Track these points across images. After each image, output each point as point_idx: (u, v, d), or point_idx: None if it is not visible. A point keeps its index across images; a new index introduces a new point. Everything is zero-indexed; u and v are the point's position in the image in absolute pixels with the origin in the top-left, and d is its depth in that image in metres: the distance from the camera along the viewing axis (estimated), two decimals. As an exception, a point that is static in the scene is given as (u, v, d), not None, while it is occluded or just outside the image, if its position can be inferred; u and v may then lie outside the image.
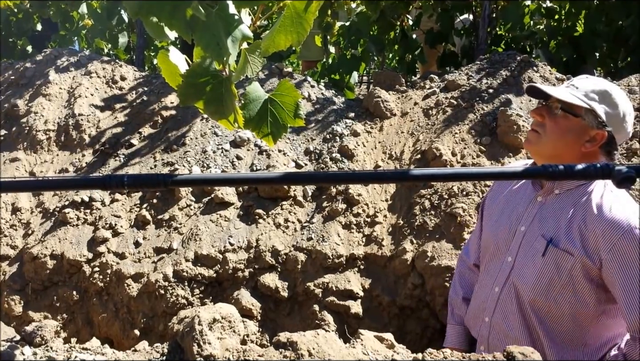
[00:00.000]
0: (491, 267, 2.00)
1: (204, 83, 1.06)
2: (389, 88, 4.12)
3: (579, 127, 1.80)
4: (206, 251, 3.11)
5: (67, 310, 3.18)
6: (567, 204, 1.83)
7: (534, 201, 1.92)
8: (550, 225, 1.83)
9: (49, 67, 4.32)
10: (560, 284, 1.77)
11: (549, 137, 1.84)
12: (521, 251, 1.89)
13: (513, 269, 1.89)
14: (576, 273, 1.75)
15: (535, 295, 1.82)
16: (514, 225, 1.94)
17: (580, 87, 1.82)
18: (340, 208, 3.26)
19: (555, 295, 1.79)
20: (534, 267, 1.83)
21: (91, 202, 3.38)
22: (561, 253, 1.77)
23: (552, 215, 1.85)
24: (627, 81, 3.60)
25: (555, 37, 4.99)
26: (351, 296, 3.04)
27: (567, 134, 1.81)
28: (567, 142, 1.82)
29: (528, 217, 1.91)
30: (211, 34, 1.03)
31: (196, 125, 3.78)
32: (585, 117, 1.79)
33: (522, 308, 1.86)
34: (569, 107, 1.81)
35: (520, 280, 1.86)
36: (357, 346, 1.28)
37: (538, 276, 1.81)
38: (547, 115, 1.84)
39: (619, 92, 1.82)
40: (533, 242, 1.85)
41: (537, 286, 1.81)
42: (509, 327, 1.89)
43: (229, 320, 1.29)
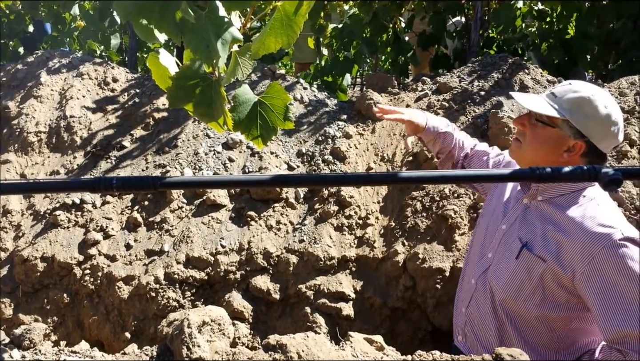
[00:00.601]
0: (473, 259, 2.04)
1: (194, 85, 1.06)
2: (381, 90, 4.13)
3: (557, 137, 1.79)
4: (198, 254, 3.11)
5: (57, 312, 3.16)
6: (549, 212, 1.83)
7: (520, 202, 1.93)
8: (528, 229, 1.85)
9: (40, 68, 4.30)
10: (531, 287, 1.78)
11: (528, 147, 1.85)
12: (499, 250, 1.92)
13: (491, 265, 1.92)
14: (547, 279, 1.76)
15: (506, 295, 1.84)
16: (498, 222, 1.97)
17: (559, 96, 1.81)
18: (332, 210, 3.26)
19: (524, 298, 1.80)
20: (507, 268, 1.85)
21: (82, 204, 3.36)
22: (534, 257, 1.78)
23: (533, 220, 1.86)
24: (618, 84, 3.62)
25: (546, 40, 5.01)
26: (343, 298, 3.04)
27: (544, 144, 1.81)
28: (545, 152, 1.81)
29: (511, 217, 1.93)
30: (201, 37, 1.03)
31: (188, 127, 3.77)
32: (562, 127, 1.78)
33: (494, 306, 1.89)
34: (545, 118, 1.81)
35: (494, 279, 1.89)
36: (347, 349, 1.28)
37: (510, 277, 1.83)
38: (528, 124, 1.85)
39: (602, 99, 1.78)
40: (510, 243, 1.88)
41: (508, 287, 1.83)
42: (482, 322, 1.92)
43: (219, 323, 1.29)
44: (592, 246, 1.67)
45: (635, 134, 3.20)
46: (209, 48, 1.03)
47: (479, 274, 1.96)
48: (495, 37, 5.26)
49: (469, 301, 1.98)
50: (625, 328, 1.60)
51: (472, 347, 1.96)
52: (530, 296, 1.79)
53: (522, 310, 1.81)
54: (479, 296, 1.94)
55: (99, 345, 3.13)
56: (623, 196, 2.92)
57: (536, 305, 1.79)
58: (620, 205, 2.91)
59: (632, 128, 3.23)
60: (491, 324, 1.89)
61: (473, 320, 1.95)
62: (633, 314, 1.60)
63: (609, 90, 3.55)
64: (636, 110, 3.31)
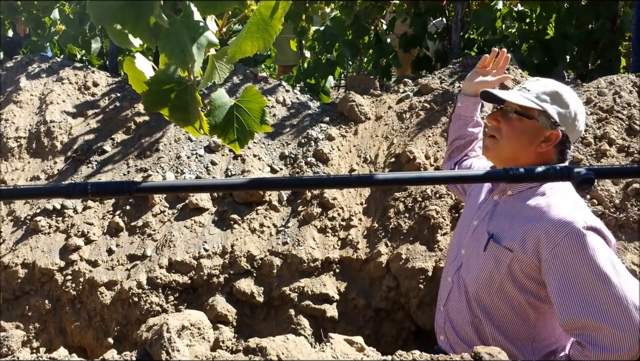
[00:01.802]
0: (449, 257, 2.10)
1: (169, 90, 1.06)
2: (363, 92, 4.14)
3: (534, 129, 1.86)
4: (180, 258, 3.10)
5: (39, 319, 3.13)
6: (517, 205, 1.89)
7: (490, 199, 1.99)
8: (497, 222, 1.90)
9: (19, 73, 4.26)
10: (500, 279, 1.82)
11: (505, 141, 1.89)
12: (470, 245, 1.96)
13: (464, 262, 1.97)
14: (515, 269, 1.80)
15: (478, 289, 1.88)
16: (470, 218, 2.02)
17: (532, 90, 1.88)
18: (315, 212, 3.26)
19: (495, 290, 1.84)
20: (477, 261, 1.90)
21: (63, 209, 3.34)
22: (501, 248, 1.83)
23: (502, 214, 1.91)
24: (597, 83, 3.67)
25: (526, 41, 5.07)
26: (327, 300, 3.04)
27: (522, 136, 1.87)
28: (522, 144, 1.88)
29: (482, 213, 1.98)
30: (175, 41, 1.03)
31: (170, 131, 3.76)
32: (539, 118, 1.85)
33: (469, 301, 1.92)
34: (522, 109, 1.87)
35: (466, 274, 1.94)
36: (327, 350, 1.29)
37: (480, 270, 1.88)
38: (502, 119, 1.90)
39: (570, 93, 1.88)
40: (479, 237, 1.93)
41: (478, 279, 1.88)
42: (460, 318, 1.95)
43: (198, 327, 1.29)
44: (556, 233, 1.70)
45: (614, 133, 3.24)
46: (184, 52, 1.03)
47: (454, 271, 2.01)
48: (475, 38, 5.30)
49: (446, 299, 2.02)
50: (581, 317, 1.62)
51: (454, 345, 1.98)
52: (501, 287, 1.83)
53: (496, 302, 1.85)
54: (455, 293, 1.98)
55: (81, 351, 3.11)
56: (602, 195, 2.96)
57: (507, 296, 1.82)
58: (599, 203, 2.95)
59: (611, 127, 3.27)
60: (468, 320, 1.92)
61: (452, 317, 1.98)
62: (591, 304, 1.61)
63: (588, 90, 3.60)
64: (614, 109, 3.36)
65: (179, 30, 1.03)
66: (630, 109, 3.33)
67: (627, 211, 2.89)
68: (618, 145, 3.20)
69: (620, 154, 3.16)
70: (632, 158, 3.13)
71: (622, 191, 2.96)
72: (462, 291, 1.95)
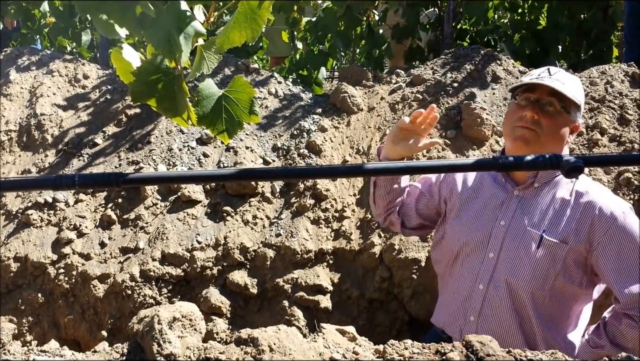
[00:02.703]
0: (468, 265, 1.96)
1: (156, 80, 1.05)
2: (355, 83, 4.13)
3: (567, 122, 1.88)
4: (173, 250, 3.09)
5: (32, 312, 3.12)
6: (549, 195, 1.87)
7: (511, 195, 1.93)
8: (537, 217, 1.86)
9: (9, 66, 4.23)
10: (555, 274, 1.81)
11: (548, 136, 1.85)
12: (507, 246, 1.88)
13: (498, 265, 1.88)
14: (569, 260, 1.81)
15: (534, 288, 1.83)
16: (490, 220, 1.93)
17: (566, 82, 1.85)
18: (308, 204, 3.26)
19: (550, 286, 1.82)
20: (529, 260, 1.83)
21: (55, 203, 3.32)
22: (555, 243, 1.81)
23: (536, 207, 1.88)
24: (589, 73, 3.67)
25: (518, 31, 5.06)
26: (320, 291, 3.05)
27: (562, 130, 1.87)
28: (561, 138, 1.88)
29: (507, 212, 1.91)
30: (162, 31, 1.02)
31: (161, 123, 3.74)
32: (571, 111, 1.86)
33: (515, 302, 1.86)
34: (565, 103, 1.85)
35: (514, 275, 1.85)
36: (319, 340, 1.29)
37: (534, 269, 1.83)
38: (541, 112, 1.84)
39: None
40: (521, 235, 1.86)
41: (534, 278, 1.83)
42: (500, 323, 1.88)
43: (190, 319, 1.29)
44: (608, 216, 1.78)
45: (606, 122, 3.25)
46: (170, 42, 1.02)
47: (487, 277, 1.90)
48: (468, 29, 5.30)
49: (480, 307, 1.91)
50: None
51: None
52: (555, 281, 1.82)
53: (548, 297, 1.84)
54: (495, 299, 1.88)
55: (75, 344, 3.11)
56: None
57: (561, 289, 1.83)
58: (591, 193, 2.96)
59: (603, 117, 3.28)
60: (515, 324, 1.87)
61: (491, 327, 1.89)
62: None
63: (580, 79, 3.60)
64: (606, 99, 3.36)
65: (165, 20, 1.02)
66: (622, 99, 3.34)
67: (619, 200, 2.91)
68: (610, 134, 3.21)
69: (612, 143, 3.17)
70: (624, 148, 3.14)
71: (614, 181, 2.97)
72: (504, 294, 1.87)
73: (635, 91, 3.40)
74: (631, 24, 4.34)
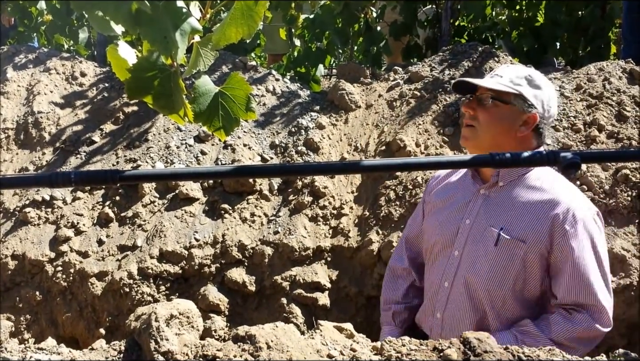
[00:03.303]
0: (437, 263, 2.00)
1: (152, 77, 1.05)
2: (353, 80, 4.13)
3: (511, 113, 1.86)
4: (171, 248, 3.09)
5: (30, 310, 3.12)
6: (513, 194, 1.87)
7: (477, 195, 1.95)
8: (499, 216, 1.87)
9: (6, 64, 4.22)
10: (515, 272, 1.82)
11: (484, 129, 1.88)
12: (469, 244, 1.91)
13: (461, 262, 1.91)
14: (528, 259, 1.80)
15: (491, 285, 1.84)
16: (457, 219, 1.96)
17: (505, 75, 1.88)
18: (306, 201, 3.26)
19: (509, 283, 1.83)
20: (487, 258, 1.85)
21: (52, 200, 3.32)
22: (513, 241, 1.81)
23: (499, 206, 1.89)
24: (587, 70, 3.67)
25: (516, 28, 5.05)
26: (318, 288, 3.05)
27: (501, 122, 1.87)
28: (502, 130, 1.87)
29: (472, 210, 1.93)
30: (158, 28, 1.02)
31: (159, 120, 3.74)
32: (515, 102, 1.85)
33: (473, 300, 1.88)
34: (498, 95, 1.86)
35: (472, 273, 1.88)
36: (316, 337, 1.29)
37: (492, 266, 1.84)
38: (478, 107, 1.89)
39: (541, 76, 1.91)
40: (482, 233, 1.88)
41: (492, 276, 1.84)
42: (459, 320, 1.91)
43: (187, 316, 1.28)
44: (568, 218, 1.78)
45: (604, 119, 3.25)
46: (166, 39, 1.01)
47: (452, 275, 1.93)
48: (466, 25, 5.29)
49: (445, 304, 1.94)
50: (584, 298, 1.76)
51: None
52: (515, 280, 1.82)
53: (507, 296, 1.84)
54: (457, 296, 1.91)
55: (73, 341, 3.11)
56: (592, 181, 2.97)
57: (520, 288, 1.83)
58: (589, 189, 2.97)
59: (601, 113, 3.28)
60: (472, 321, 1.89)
61: (451, 323, 1.92)
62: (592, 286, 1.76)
63: (578, 76, 3.60)
64: (604, 96, 3.36)
65: (161, 17, 1.01)
66: (619, 95, 3.34)
67: (617, 196, 2.91)
68: (608, 131, 3.21)
69: (610, 140, 3.17)
70: (621, 144, 3.14)
71: (612, 177, 2.97)
72: (464, 293, 1.89)
73: (633, 87, 3.40)
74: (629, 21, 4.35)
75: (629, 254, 2.75)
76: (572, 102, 3.37)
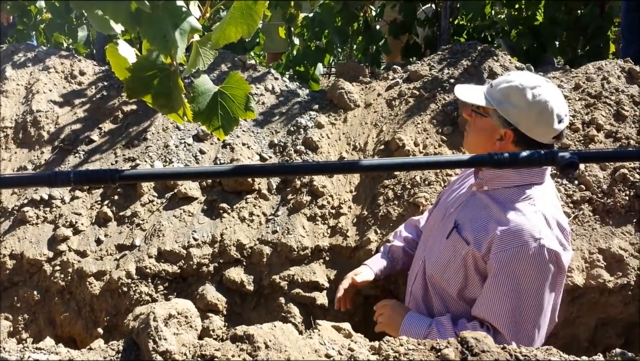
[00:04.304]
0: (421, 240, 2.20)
1: (152, 76, 1.05)
2: (352, 79, 4.13)
3: (490, 127, 1.91)
4: (170, 247, 3.09)
5: (28, 310, 3.12)
6: (488, 201, 1.93)
7: (469, 189, 2.04)
8: (465, 213, 1.95)
9: (5, 63, 4.21)
10: (455, 267, 1.90)
11: (470, 136, 2.00)
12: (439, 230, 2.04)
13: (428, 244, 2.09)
14: (469, 262, 1.88)
15: (433, 271, 1.97)
16: (450, 205, 2.08)
17: (494, 87, 1.89)
18: (305, 200, 3.26)
19: (448, 276, 1.92)
20: (439, 246, 1.98)
21: (51, 200, 3.31)
22: (460, 239, 1.90)
23: (472, 206, 1.96)
24: (585, 69, 3.67)
25: (515, 27, 5.06)
26: (317, 288, 3.05)
27: (481, 133, 1.94)
28: (482, 141, 1.94)
29: (458, 202, 2.04)
30: (157, 27, 1.02)
31: (158, 119, 3.73)
32: (492, 116, 1.89)
33: (425, 280, 2.03)
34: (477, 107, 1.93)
35: (428, 255, 2.03)
36: (314, 337, 1.29)
37: (439, 255, 1.96)
38: (468, 115, 1.99)
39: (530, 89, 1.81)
40: (448, 224, 1.99)
41: (436, 263, 1.96)
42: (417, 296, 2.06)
43: (185, 315, 1.29)
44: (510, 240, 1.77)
45: (602, 118, 3.25)
46: (166, 38, 1.01)
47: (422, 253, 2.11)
48: (465, 24, 5.29)
49: (413, 279, 2.10)
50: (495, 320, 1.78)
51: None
52: (454, 275, 1.91)
53: (445, 286, 1.94)
54: (419, 274, 2.07)
55: (71, 341, 3.11)
56: (590, 180, 2.98)
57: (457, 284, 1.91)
58: (587, 189, 2.97)
59: (599, 113, 3.28)
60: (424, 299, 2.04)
61: (415, 296, 2.08)
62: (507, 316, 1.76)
63: (576, 75, 3.60)
64: (603, 95, 3.36)
65: (161, 16, 1.01)
66: (618, 95, 3.34)
67: (615, 196, 2.91)
68: (606, 131, 3.21)
69: (609, 139, 3.18)
70: (620, 144, 3.14)
71: (610, 177, 2.98)
72: (421, 272, 2.04)
73: (631, 87, 3.40)
74: (628, 20, 4.35)
75: (626, 254, 2.75)
76: (570, 102, 3.37)
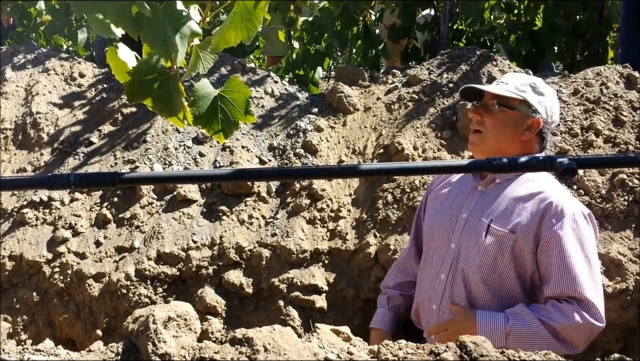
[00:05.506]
0: (435, 256, 2.09)
1: (152, 80, 1.05)
2: (351, 83, 4.13)
3: (516, 119, 1.96)
4: (169, 250, 3.09)
5: (27, 311, 3.12)
6: (507, 189, 1.97)
7: (475, 190, 2.05)
8: (491, 208, 1.96)
9: (5, 64, 4.22)
10: (505, 262, 1.89)
11: (491, 134, 1.98)
12: (465, 237, 1.99)
13: (457, 254, 2.00)
14: (517, 251, 1.89)
15: (484, 276, 1.92)
16: (455, 214, 2.05)
17: (510, 83, 1.98)
18: (304, 203, 3.26)
19: (500, 272, 1.91)
20: (478, 248, 1.94)
21: (50, 201, 3.32)
22: (503, 232, 1.90)
23: (493, 199, 1.98)
24: (584, 74, 3.68)
25: (514, 32, 5.07)
26: (316, 291, 3.05)
27: (506, 127, 1.97)
28: (507, 135, 1.97)
29: (469, 205, 2.03)
30: (158, 31, 1.03)
31: (157, 122, 3.74)
32: (520, 108, 1.95)
33: (470, 291, 1.96)
34: (504, 101, 1.96)
35: (467, 264, 1.96)
36: (313, 340, 1.29)
37: (483, 256, 1.92)
38: (485, 113, 1.99)
39: (544, 84, 2.01)
40: (476, 226, 1.97)
41: (484, 267, 1.92)
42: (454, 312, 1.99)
43: (185, 318, 1.29)
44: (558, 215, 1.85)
45: (601, 124, 3.26)
46: (166, 42, 1.02)
47: (448, 267, 2.01)
48: (464, 29, 5.30)
49: (441, 297, 2.02)
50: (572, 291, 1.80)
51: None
52: (506, 269, 1.90)
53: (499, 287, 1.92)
54: (453, 289, 1.99)
55: (70, 343, 3.11)
56: (589, 185, 2.98)
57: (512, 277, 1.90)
58: (586, 193, 2.98)
59: (598, 118, 3.29)
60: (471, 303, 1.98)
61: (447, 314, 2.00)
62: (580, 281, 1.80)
63: (575, 81, 3.61)
64: (601, 100, 3.37)
65: (161, 20, 1.02)
66: (617, 100, 3.35)
67: (614, 201, 2.92)
68: (605, 136, 3.22)
69: (607, 144, 3.18)
70: (618, 149, 3.15)
71: (609, 182, 2.98)
72: (461, 284, 1.97)
73: (630, 92, 3.41)
74: (627, 26, 4.36)
75: (625, 259, 2.76)
76: (569, 107, 3.38)
